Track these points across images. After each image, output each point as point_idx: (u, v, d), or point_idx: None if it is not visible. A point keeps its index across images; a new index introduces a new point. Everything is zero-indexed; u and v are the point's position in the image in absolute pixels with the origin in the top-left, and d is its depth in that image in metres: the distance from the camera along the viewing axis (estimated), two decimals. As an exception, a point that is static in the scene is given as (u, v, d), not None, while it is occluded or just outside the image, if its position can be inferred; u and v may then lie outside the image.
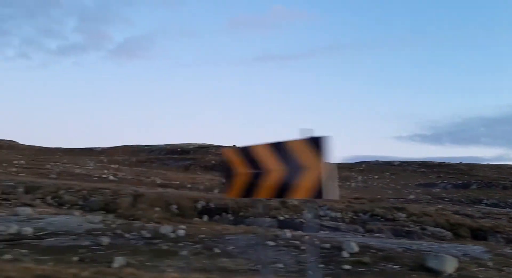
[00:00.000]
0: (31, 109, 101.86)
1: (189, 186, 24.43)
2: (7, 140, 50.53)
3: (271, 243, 12.07)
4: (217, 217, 17.29)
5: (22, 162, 34.57)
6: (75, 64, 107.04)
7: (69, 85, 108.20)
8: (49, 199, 16.42)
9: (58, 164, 35.75)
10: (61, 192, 16.89)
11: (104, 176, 27.54)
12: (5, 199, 16.01)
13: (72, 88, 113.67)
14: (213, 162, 43.72)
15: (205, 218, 16.97)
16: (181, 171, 40.59)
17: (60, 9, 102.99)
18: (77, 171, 29.92)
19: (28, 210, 13.65)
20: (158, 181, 25.77)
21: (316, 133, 3.79)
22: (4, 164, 32.51)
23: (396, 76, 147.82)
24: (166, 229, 12.67)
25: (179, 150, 50.11)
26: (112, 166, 38.15)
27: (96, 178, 26.28)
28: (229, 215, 17.50)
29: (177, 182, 27.56)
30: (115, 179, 26.61)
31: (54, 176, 25.16)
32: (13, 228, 11.68)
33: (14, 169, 27.68)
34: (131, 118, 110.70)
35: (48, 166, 33.11)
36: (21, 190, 16.84)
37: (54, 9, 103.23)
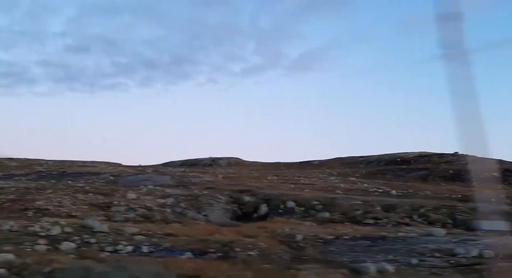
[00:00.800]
0: (232, 127, 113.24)
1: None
2: (234, 157, 55.63)
3: None
4: None
5: (275, 177, 36.82)
6: (256, 84, 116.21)
7: (253, 103, 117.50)
8: (415, 217, 15.98)
9: (304, 178, 37.12)
10: (422, 210, 16.34)
11: (380, 190, 27.04)
12: (374, 218, 16.09)
13: (255, 105, 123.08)
14: (450, 171, 40.35)
15: None
16: (419, 182, 38.29)
17: (241, 35, 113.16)
18: (342, 185, 30.21)
19: (441, 231, 13.20)
20: (455, 196, 24.01)
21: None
22: (264, 180, 35.05)
23: None
24: None
25: (398, 159, 47.89)
26: (351, 179, 38.08)
27: (377, 193, 25.89)
28: None
29: (458, 196, 25.40)
30: (397, 193, 25.82)
31: (340, 192, 25.52)
32: (474, 251, 11.16)
33: (292, 185, 29.19)
34: (326, 129, 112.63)
35: (302, 181, 34.50)
36: (378, 208, 16.84)
37: (237, 36, 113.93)
